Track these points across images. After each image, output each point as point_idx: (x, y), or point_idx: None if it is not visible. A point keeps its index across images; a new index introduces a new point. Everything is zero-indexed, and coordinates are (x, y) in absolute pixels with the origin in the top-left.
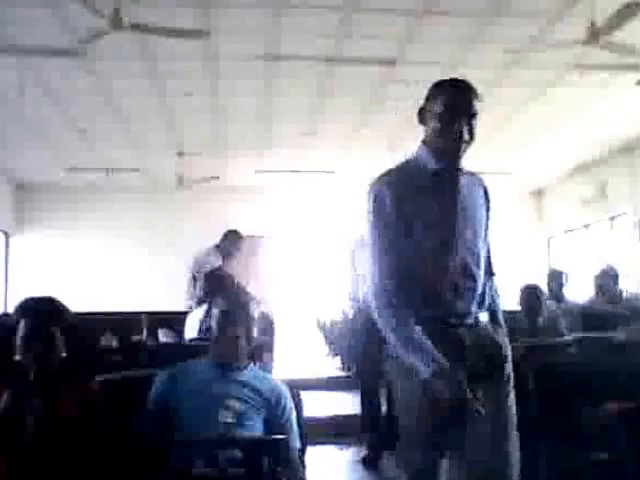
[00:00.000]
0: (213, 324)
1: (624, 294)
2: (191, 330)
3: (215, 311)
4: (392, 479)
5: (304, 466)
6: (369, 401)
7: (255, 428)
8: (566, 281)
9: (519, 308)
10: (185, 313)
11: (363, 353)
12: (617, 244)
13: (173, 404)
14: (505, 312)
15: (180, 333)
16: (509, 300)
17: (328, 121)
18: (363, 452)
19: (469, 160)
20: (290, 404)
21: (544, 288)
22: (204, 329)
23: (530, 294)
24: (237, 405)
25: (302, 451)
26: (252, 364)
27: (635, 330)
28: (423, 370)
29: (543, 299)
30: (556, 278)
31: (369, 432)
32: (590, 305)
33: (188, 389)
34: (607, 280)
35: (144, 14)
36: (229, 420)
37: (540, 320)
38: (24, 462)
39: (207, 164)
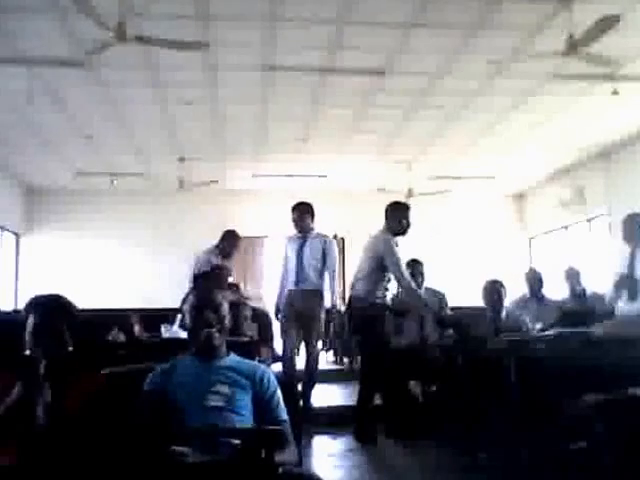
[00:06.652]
0: (187, 320)
1: (587, 292)
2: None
3: (186, 307)
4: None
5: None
6: None
7: (245, 408)
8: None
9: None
10: None
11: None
12: (594, 244)
13: (166, 396)
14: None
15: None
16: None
17: (321, 128)
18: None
19: (455, 166)
20: (274, 380)
21: (526, 287)
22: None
23: (493, 288)
24: (225, 389)
25: (297, 437)
26: (231, 353)
27: (611, 326)
28: None
29: (503, 292)
30: (536, 277)
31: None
32: (568, 303)
33: (178, 382)
34: (572, 280)
35: (147, 27)
36: (220, 404)
37: (503, 312)
38: (34, 451)
39: (207, 169)
